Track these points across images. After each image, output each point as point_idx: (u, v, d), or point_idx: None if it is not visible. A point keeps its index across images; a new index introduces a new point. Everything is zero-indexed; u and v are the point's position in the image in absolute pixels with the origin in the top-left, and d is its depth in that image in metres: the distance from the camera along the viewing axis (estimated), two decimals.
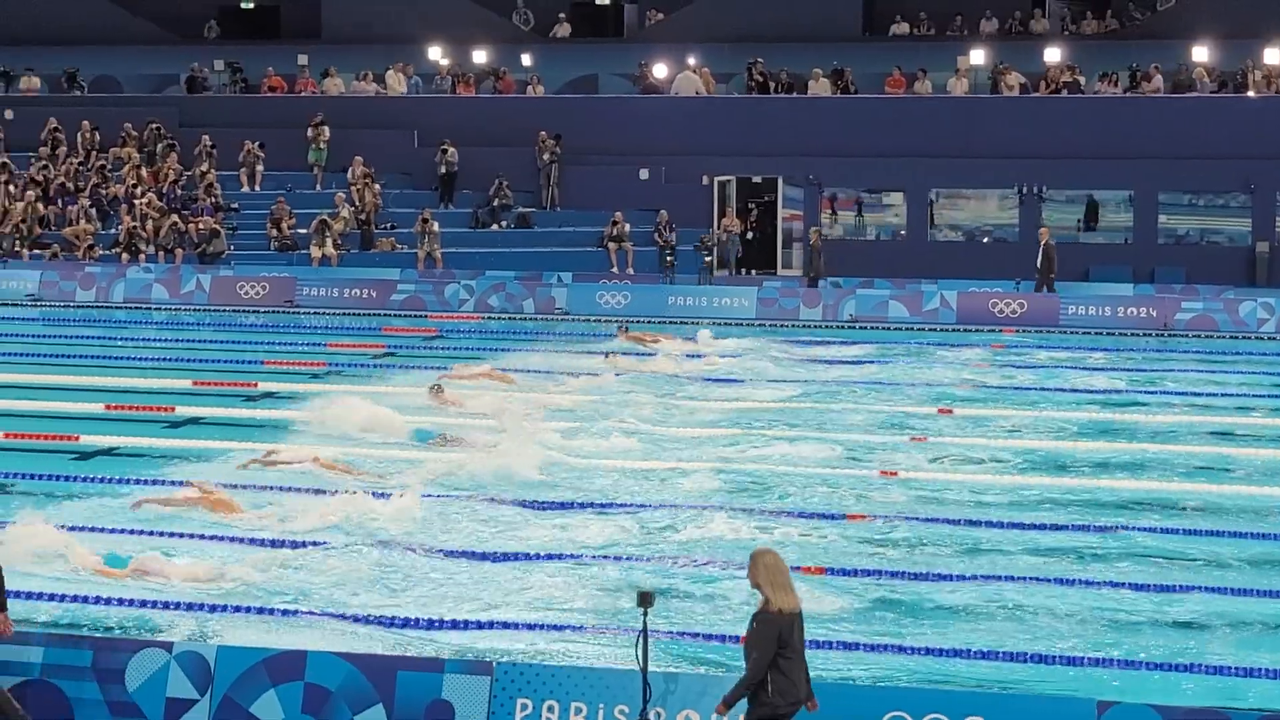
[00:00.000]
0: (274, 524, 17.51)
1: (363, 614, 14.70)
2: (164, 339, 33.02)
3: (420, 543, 16.89)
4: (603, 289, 37.05)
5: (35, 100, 47.34)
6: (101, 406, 24.38)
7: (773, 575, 10.46)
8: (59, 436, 22.10)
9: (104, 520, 17.59)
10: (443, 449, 21.34)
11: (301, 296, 37.21)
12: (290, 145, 43.90)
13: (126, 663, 12.35)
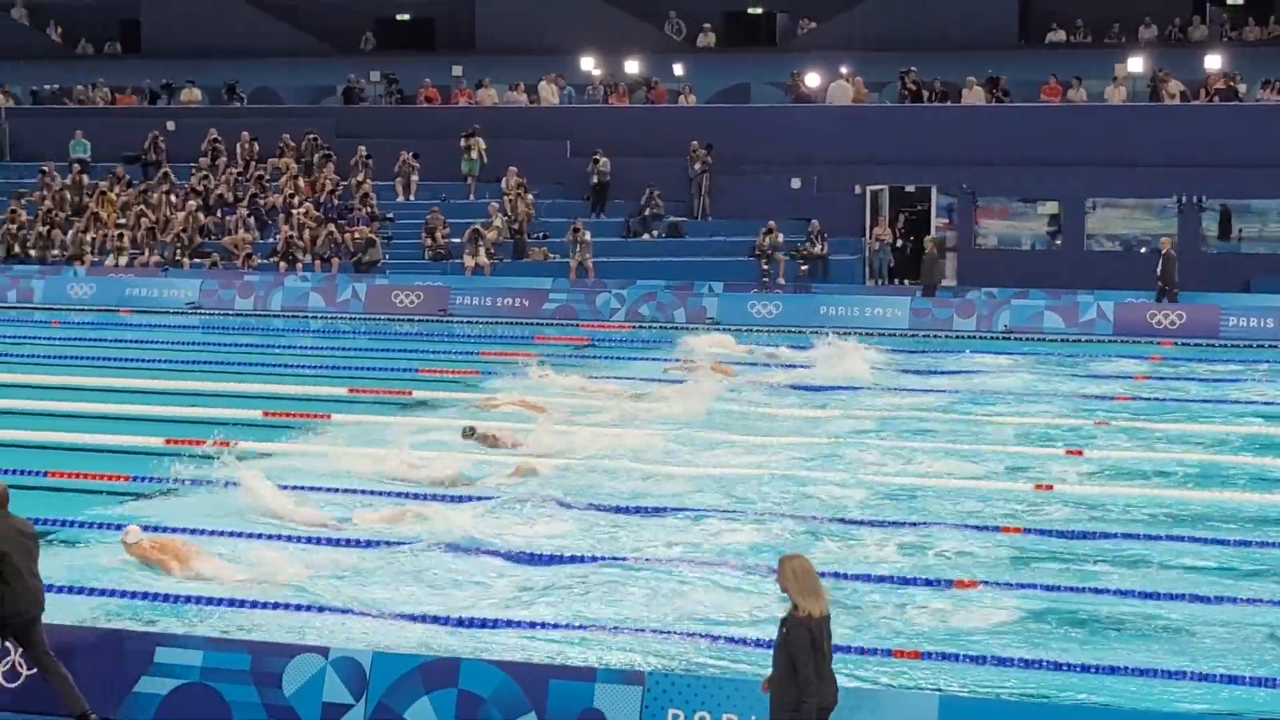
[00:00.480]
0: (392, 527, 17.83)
1: (503, 619, 14.77)
2: (320, 347, 33.39)
3: (559, 549, 16.97)
4: (754, 299, 36.99)
5: (196, 112, 48.18)
6: (259, 413, 24.73)
7: (801, 580, 10.51)
8: (217, 443, 22.41)
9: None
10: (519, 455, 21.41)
11: (455, 305, 37.54)
12: (444, 155, 44.30)
13: (284, 667, 12.50)
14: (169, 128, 46.70)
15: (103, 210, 43.33)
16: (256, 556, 16.36)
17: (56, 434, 22.87)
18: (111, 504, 19.03)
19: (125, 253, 41.84)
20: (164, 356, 30.92)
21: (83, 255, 42.03)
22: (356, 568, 16.47)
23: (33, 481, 19.83)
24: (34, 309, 38.28)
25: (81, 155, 46.11)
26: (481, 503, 18.88)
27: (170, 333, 34.96)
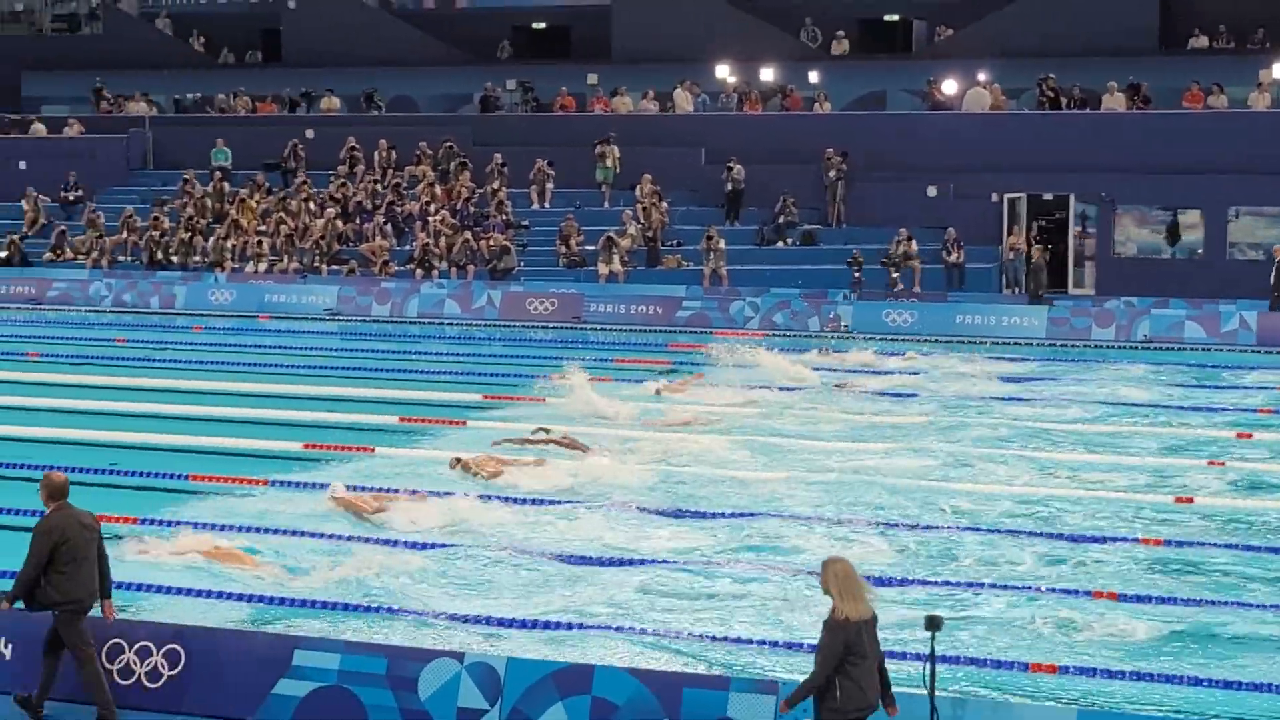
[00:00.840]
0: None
1: (648, 628, 14.78)
2: (456, 353, 33.62)
3: (682, 560, 16.99)
4: (888, 307, 36.77)
5: (335, 120, 48.71)
6: (395, 419, 24.95)
7: (843, 583, 10.69)
8: (357, 448, 22.67)
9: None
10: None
11: (589, 313, 37.65)
12: (579, 163, 44.47)
13: (419, 672, 12.60)
14: (308, 136, 47.26)
15: (243, 217, 43.94)
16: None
17: (198, 438, 23.21)
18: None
19: (265, 259, 42.39)
20: (302, 362, 31.31)
21: (223, 262, 42.64)
22: (484, 577, 16.60)
23: (176, 485, 20.15)
24: (176, 315, 38.90)
25: (223, 163, 46.79)
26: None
27: (308, 338, 35.39)
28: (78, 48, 54.30)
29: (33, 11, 56.77)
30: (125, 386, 27.83)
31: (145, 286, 40.62)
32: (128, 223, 44.24)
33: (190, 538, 17.27)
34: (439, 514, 18.50)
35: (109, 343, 34.11)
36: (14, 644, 13.37)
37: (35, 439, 23.06)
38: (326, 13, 52.39)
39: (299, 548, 17.31)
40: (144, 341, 34.09)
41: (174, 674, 12.98)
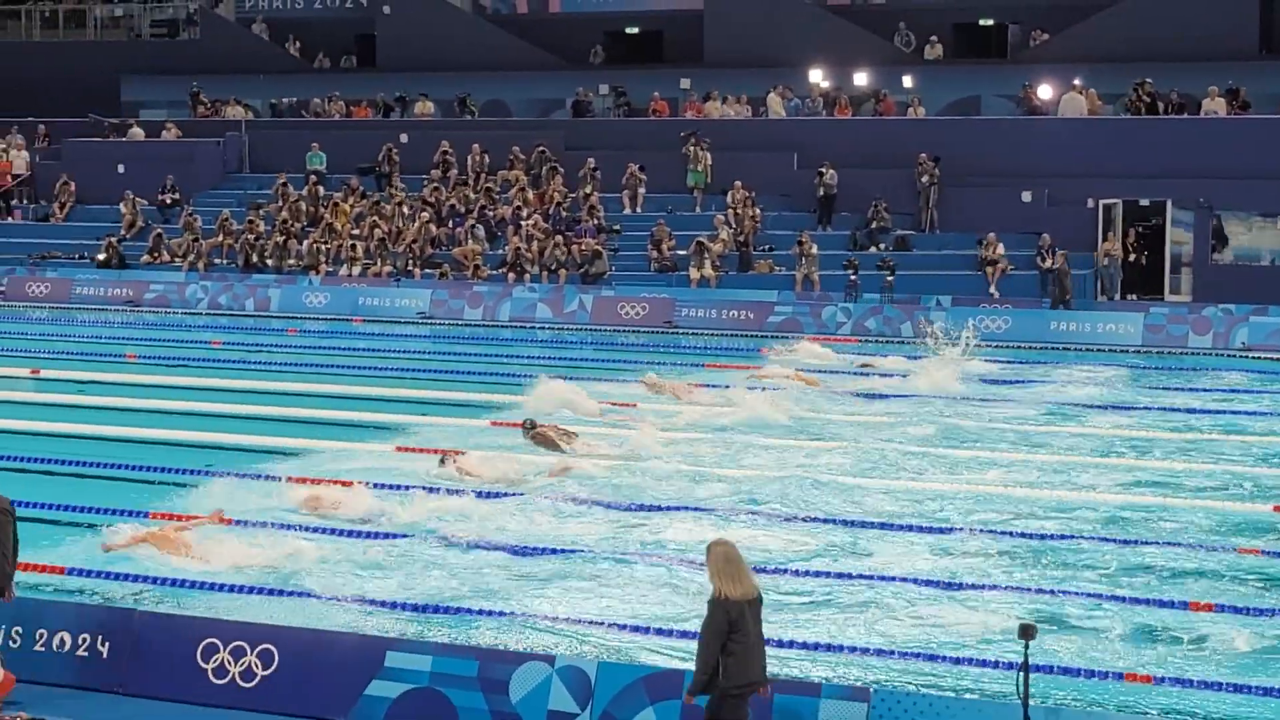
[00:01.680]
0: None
1: None
2: (547, 357, 33.70)
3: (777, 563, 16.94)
4: (982, 313, 36.51)
5: (429, 124, 48.92)
6: (487, 423, 24.97)
7: (721, 565, 11.15)
8: (447, 451, 22.71)
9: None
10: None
11: (680, 317, 37.62)
12: (671, 168, 44.47)
13: (510, 674, 12.62)
14: (402, 140, 47.51)
15: (337, 221, 44.24)
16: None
17: (293, 440, 23.37)
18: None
19: (359, 263, 42.65)
20: (395, 365, 31.47)
21: (318, 265, 42.94)
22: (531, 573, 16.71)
23: (272, 488, 20.25)
24: (271, 317, 39.23)
25: (317, 167, 47.12)
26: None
27: (402, 341, 35.56)
28: (175, 53, 54.85)
29: (131, 17, 57.39)
30: (220, 388, 28.09)
31: (240, 289, 41.01)
32: (224, 226, 44.65)
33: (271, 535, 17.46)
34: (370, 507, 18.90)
35: (204, 345, 34.41)
36: (110, 642, 13.49)
37: (133, 439, 23.30)
38: (421, 18, 52.64)
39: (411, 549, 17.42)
40: (239, 344, 34.39)
41: (267, 674, 13.07)
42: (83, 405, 26.20)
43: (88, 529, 17.87)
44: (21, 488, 19.13)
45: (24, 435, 23.67)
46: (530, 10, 53.79)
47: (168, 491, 19.71)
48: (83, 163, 49.24)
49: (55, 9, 57.82)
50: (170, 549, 16.87)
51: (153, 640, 13.48)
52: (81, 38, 56.81)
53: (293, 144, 48.02)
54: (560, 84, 50.64)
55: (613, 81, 50.05)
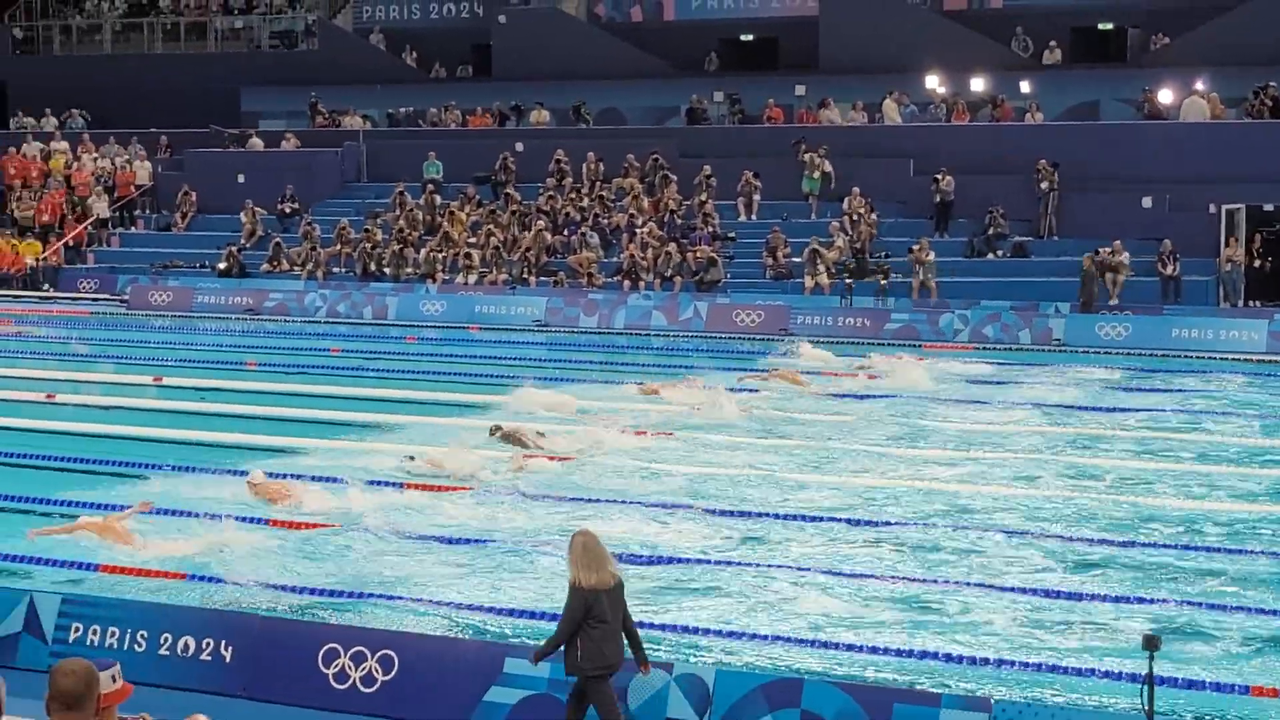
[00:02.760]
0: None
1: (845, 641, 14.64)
2: (661, 365, 33.61)
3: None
4: (1102, 320, 36.13)
5: (544, 133, 49.14)
6: (618, 432, 24.99)
7: (579, 555, 11.79)
8: (560, 458, 22.76)
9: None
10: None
11: (796, 325, 37.48)
12: (786, 175, 44.38)
13: (628, 682, 12.58)
14: (518, 149, 47.75)
15: (454, 229, 44.51)
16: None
17: (413, 445, 23.51)
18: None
19: (475, 271, 42.89)
20: (511, 372, 31.57)
21: (434, 273, 43.22)
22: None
23: (390, 496, 20.38)
24: (389, 325, 39.51)
25: (434, 176, 47.47)
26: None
27: (518, 349, 35.68)
28: (294, 63, 55.43)
29: (251, 28, 58.04)
30: (339, 395, 28.32)
31: (359, 297, 41.36)
32: (341, 235, 45.07)
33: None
34: (328, 503, 19.45)
35: (324, 352, 34.72)
36: (234, 646, 13.63)
37: (252, 446, 23.54)
38: (536, 27, 52.89)
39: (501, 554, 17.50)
40: (357, 351, 34.65)
41: (387, 679, 13.14)
42: (204, 412, 26.49)
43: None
44: (139, 492, 19.46)
45: (147, 442, 23.95)
46: (645, 18, 53.86)
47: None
48: (204, 173, 49.91)
49: (177, 21, 58.62)
50: (110, 537, 17.47)
51: (275, 645, 13.61)
52: (202, 49, 57.55)
53: (410, 153, 48.42)
54: (675, 91, 50.69)
55: (727, 88, 50.05)
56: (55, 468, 21.96)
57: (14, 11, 60.29)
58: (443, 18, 55.99)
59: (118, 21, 59.44)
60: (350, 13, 57.47)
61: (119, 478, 21.15)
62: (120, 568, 16.57)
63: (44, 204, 49.11)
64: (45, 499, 19.73)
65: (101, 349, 35.77)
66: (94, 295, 45.16)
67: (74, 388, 29.34)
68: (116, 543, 17.39)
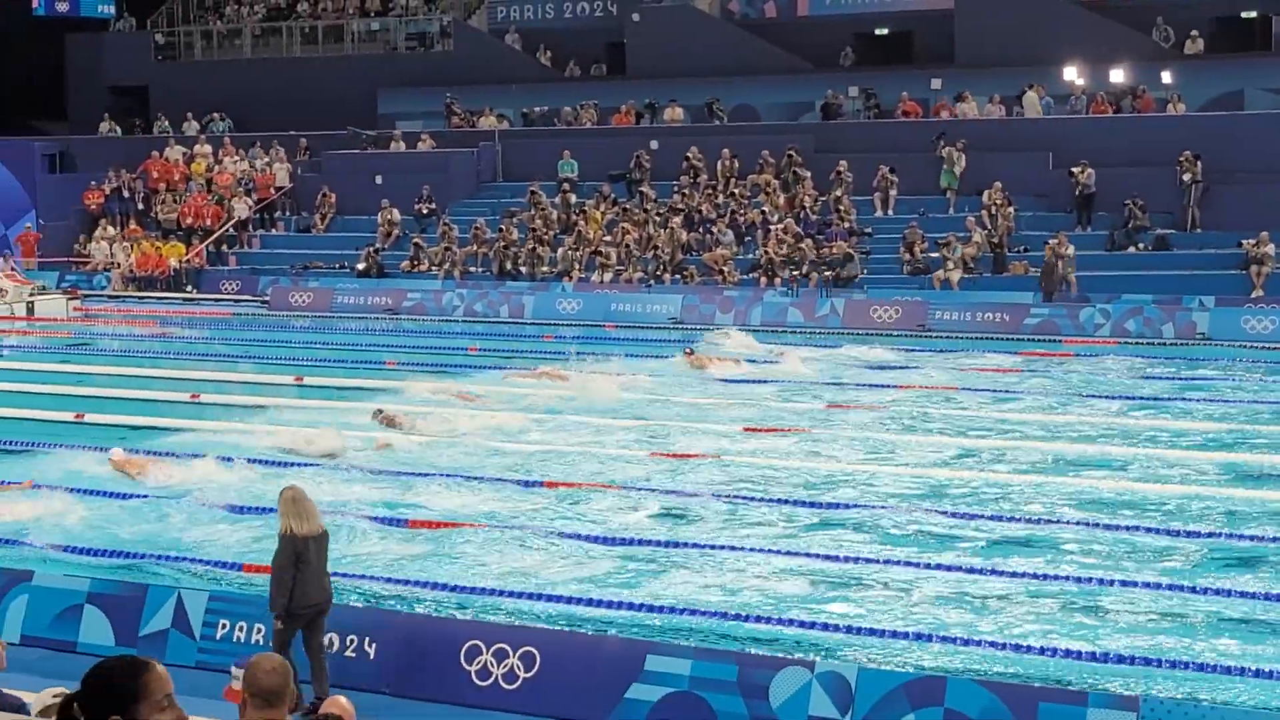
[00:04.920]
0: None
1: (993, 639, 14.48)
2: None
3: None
4: (1247, 313, 35.50)
5: (678, 130, 49.13)
6: (739, 429, 25.01)
7: (289, 506, 12.93)
8: (701, 455, 22.77)
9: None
10: None
11: (934, 320, 37.20)
12: (923, 169, 44.06)
13: (770, 679, 12.56)
14: (652, 146, 47.77)
15: (589, 228, 44.63)
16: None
17: (552, 446, 23.64)
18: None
19: (610, 269, 42.97)
20: (646, 369, 31.59)
21: (570, 272, 43.37)
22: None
23: (537, 496, 20.46)
24: (525, 324, 39.65)
25: (569, 175, 47.63)
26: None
27: (650, 347, 35.62)
28: (430, 65, 55.85)
29: (387, 30, 58.54)
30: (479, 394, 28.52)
31: (495, 296, 41.57)
32: (478, 234, 45.35)
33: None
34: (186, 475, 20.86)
35: (461, 351, 34.95)
36: (378, 643, 13.74)
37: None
38: (670, 24, 52.90)
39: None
40: (495, 350, 34.83)
41: (530, 676, 13.18)
42: (345, 409, 26.76)
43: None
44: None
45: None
46: (779, 14, 53.66)
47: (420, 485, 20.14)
48: (342, 175, 50.44)
49: (314, 25, 59.27)
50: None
51: (418, 642, 13.71)
52: (340, 52, 58.15)
53: (545, 152, 48.60)
54: (809, 87, 50.49)
55: (862, 83, 49.79)
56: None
57: (156, 18, 61.27)
58: (577, 17, 56.15)
59: (257, 26, 60.22)
60: (485, 13, 57.80)
61: (269, 475, 21.45)
62: (264, 567, 16.75)
63: (186, 207, 49.90)
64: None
65: (243, 349, 36.23)
66: (236, 296, 45.78)
67: (217, 388, 29.73)
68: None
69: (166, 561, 17.08)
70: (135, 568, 16.83)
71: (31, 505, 19.40)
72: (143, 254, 47.95)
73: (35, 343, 39.70)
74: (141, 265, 47.72)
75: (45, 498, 19.80)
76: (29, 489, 20.06)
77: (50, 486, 20.39)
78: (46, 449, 23.35)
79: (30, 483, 20.28)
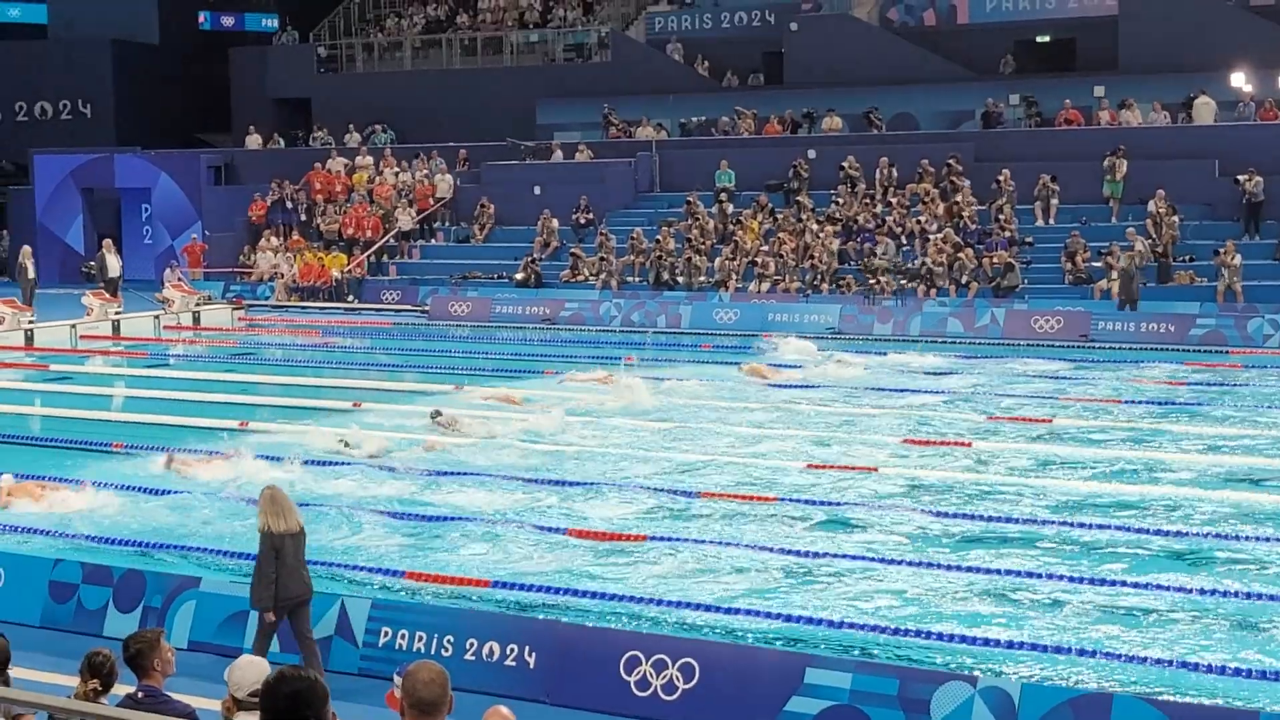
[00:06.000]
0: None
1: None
2: (958, 372, 33.14)
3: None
4: None
5: (836, 139, 48.90)
6: (898, 440, 24.79)
7: (267, 505, 13.70)
8: (862, 469, 22.60)
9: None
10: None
11: (1096, 331, 36.68)
12: (1086, 178, 43.46)
13: (932, 694, 12.41)
14: (810, 155, 47.60)
15: (746, 237, 44.56)
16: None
17: (709, 455, 23.61)
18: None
19: (768, 279, 42.85)
20: (802, 379, 31.47)
21: (727, 282, 43.31)
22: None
23: (695, 506, 20.43)
24: (682, 334, 39.64)
25: (726, 184, 47.60)
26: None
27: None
28: (588, 75, 56.12)
29: (546, 42, 58.95)
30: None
31: (652, 306, 41.61)
32: (635, 244, 45.45)
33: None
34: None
35: (618, 361, 34.95)
36: (538, 653, 13.78)
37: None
38: (828, 33, 52.73)
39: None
40: (652, 360, 34.85)
41: (689, 687, 13.14)
42: (509, 417, 26.96)
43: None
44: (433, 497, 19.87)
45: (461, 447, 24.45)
46: (938, 21, 53.25)
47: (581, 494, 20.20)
48: (501, 185, 50.82)
49: (474, 37, 59.81)
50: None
51: (578, 651, 13.73)
52: (499, 64, 58.63)
53: (702, 162, 48.63)
54: (969, 95, 50.08)
55: (1023, 91, 49.26)
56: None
57: (318, 31, 62.18)
58: (734, 26, 56.09)
59: (417, 38, 60.89)
60: (642, 24, 57.98)
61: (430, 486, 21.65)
62: (424, 574, 16.90)
63: (348, 218, 50.55)
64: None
65: (404, 359, 36.60)
66: (396, 306, 46.28)
67: (378, 396, 30.06)
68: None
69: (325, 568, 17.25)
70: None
71: (187, 512, 19.77)
72: (305, 264, 48.64)
73: (201, 352, 40.43)
74: (304, 276, 48.41)
75: (200, 504, 20.19)
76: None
77: (209, 493, 20.79)
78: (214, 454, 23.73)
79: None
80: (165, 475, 22.12)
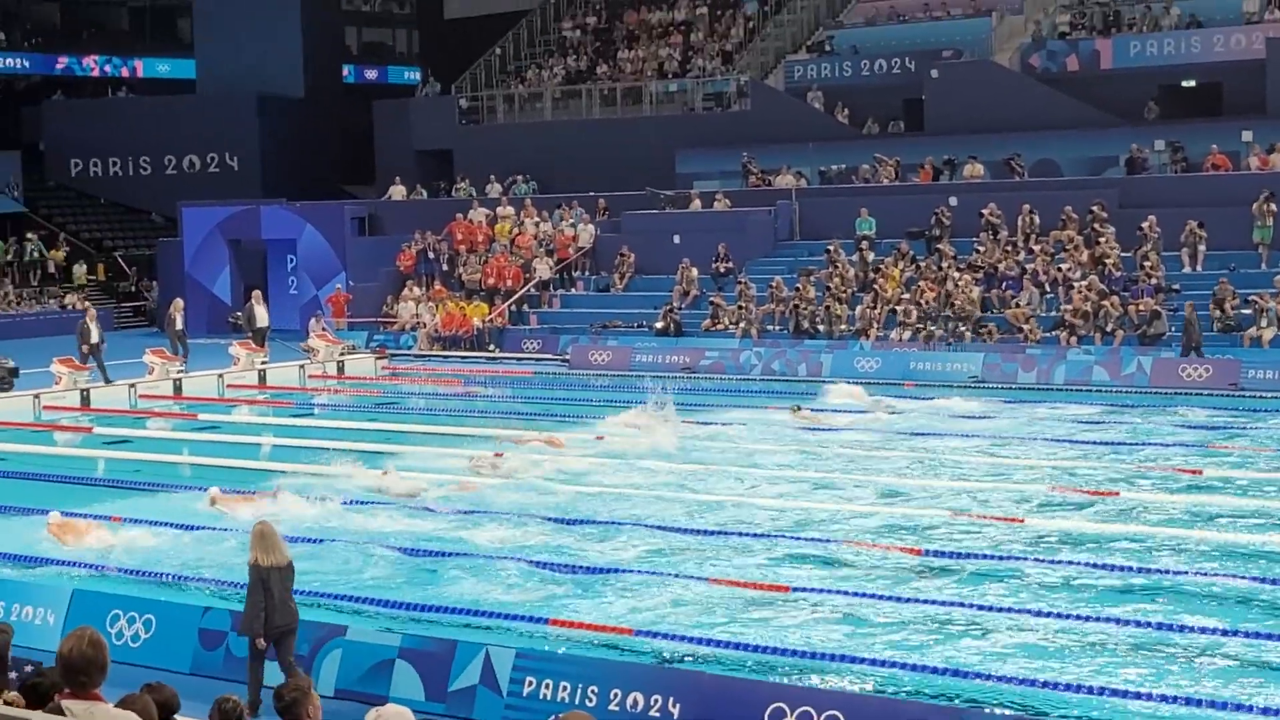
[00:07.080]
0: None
1: None
2: (1103, 421, 32.66)
3: None
4: None
5: (978, 186, 48.57)
6: (1046, 488, 24.47)
7: (257, 540, 14.41)
8: (1004, 518, 22.34)
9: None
10: None
11: (1247, 379, 36.02)
12: (1234, 224, 42.76)
13: None
14: (951, 203, 47.30)
15: (886, 285, 44.31)
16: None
17: (837, 505, 23.47)
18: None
19: (909, 327, 42.56)
20: (945, 429, 31.17)
21: (868, 330, 43.08)
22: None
23: (794, 547, 20.31)
24: (822, 382, 39.33)
25: (867, 232, 47.42)
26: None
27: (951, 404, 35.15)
28: (726, 124, 56.24)
29: (685, 91, 59.20)
30: None
31: (793, 354, 41.46)
32: (774, 292, 45.37)
33: None
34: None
35: (761, 409, 34.88)
36: (682, 704, 13.68)
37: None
38: (969, 80, 52.48)
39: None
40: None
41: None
42: (640, 467, 26.98)
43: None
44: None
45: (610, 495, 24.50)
46: (1081, 68, 52.79)
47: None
48: (640, 234, 50.99)
49: (613, 88, 60.19)
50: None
51: (723, 703, 13.63)
52: (638, 114, 58.94)
53: (842, 210, 48.49)
54: (1113, 141, 49.54)
55: (1168, 136, 48.63)
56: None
57: (460, 83, 62.88)
58: (874, 74, 55.97)
59: (557, 89, 61.39)
60: (781, 73, 58.04)
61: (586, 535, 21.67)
62: (570, 622, 16.90)
63: (489, 267, 50.93)
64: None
65: (544, 408, 36.71)
66: (537, 355, 46.50)
67: (518, 447, 30.17)
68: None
69: (471, 616, 17.32)
70: (436, 622, 17.11)
71: (326, 560, 19.97)
72: (447, 314, 49.04)
73: (345, 401, 40.85)
74: (446, 325, 48.81)
75: (350, 552, 20.37)
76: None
77: (354, 540, 20.98)
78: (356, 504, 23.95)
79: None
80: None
